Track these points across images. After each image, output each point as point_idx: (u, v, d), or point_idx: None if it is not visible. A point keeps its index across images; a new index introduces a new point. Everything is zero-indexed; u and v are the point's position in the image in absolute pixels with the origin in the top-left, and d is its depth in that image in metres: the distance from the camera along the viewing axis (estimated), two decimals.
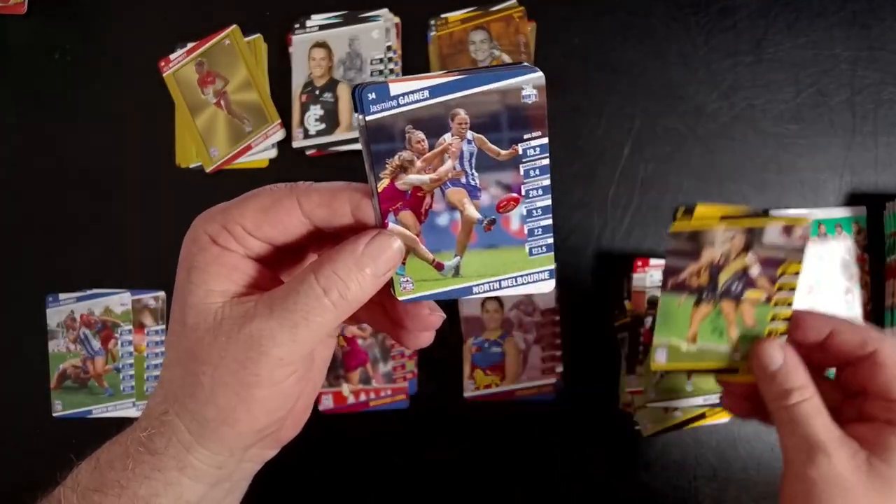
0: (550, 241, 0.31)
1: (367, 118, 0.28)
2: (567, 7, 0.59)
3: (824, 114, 0.56)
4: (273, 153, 0.60)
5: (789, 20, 0.57)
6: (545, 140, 0.29)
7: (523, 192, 0.30)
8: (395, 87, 0.27)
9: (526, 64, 0.28)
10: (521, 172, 0.30)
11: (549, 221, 0.31)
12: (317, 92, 0.60)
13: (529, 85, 0.28)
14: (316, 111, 0.59)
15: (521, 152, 0.29)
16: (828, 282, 0.54)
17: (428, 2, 0.60)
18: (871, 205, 0.54)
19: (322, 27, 0.60)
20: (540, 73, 0.28)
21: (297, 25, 0.61)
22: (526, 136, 0.29)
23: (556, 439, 0.55)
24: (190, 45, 0.62)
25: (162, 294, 0.59)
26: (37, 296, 0.60)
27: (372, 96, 0.27)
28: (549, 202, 0.30)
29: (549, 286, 0.32)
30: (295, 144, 0.59)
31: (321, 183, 0.30)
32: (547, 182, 0.30)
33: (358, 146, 0.59)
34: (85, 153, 0.62)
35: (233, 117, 0.60)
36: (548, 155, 0.29)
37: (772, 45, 0.57)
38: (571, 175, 0.57)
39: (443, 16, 0.60)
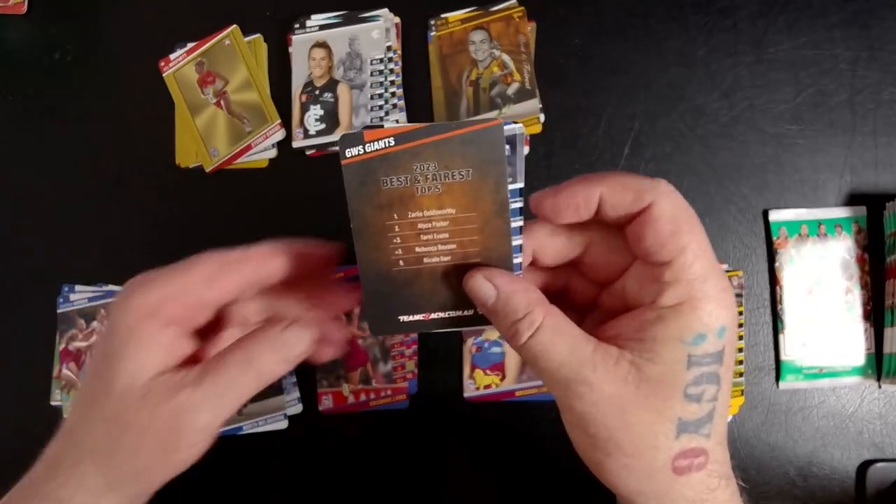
0: None
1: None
2: (567, 7, 0.59)
3: (824, 114, 0.56)
4: (273, 153, 0.60)
5: (789, 20, 0.57)
6: None
7: None
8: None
9: None
10: None
11: None
12: (317, 92, 0.60)
13: None
14: (316, 111, 0.59)
15: None
16: (828, 282, 0.54)
17: (428, 2, 0.60)
18: (871, 205, 0.54)
19: (322, 27, 0.60)
20: None
21: (297, 25, 0.61)
22: None
23: (556, 439, 0.55)
24: (190, 45, 0.62)
25: None
26: (37, 296, 0.60)
27: None
28: None
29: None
30: (295, 144, 0.59)
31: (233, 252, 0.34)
32: None
33: None
34: (85, 153, 0.62)
35: (233, 117, 0.60)
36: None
37: (772, 45, 0.57)
38: (571, 175, 0.57)
39: (443, 16, 0.60)
